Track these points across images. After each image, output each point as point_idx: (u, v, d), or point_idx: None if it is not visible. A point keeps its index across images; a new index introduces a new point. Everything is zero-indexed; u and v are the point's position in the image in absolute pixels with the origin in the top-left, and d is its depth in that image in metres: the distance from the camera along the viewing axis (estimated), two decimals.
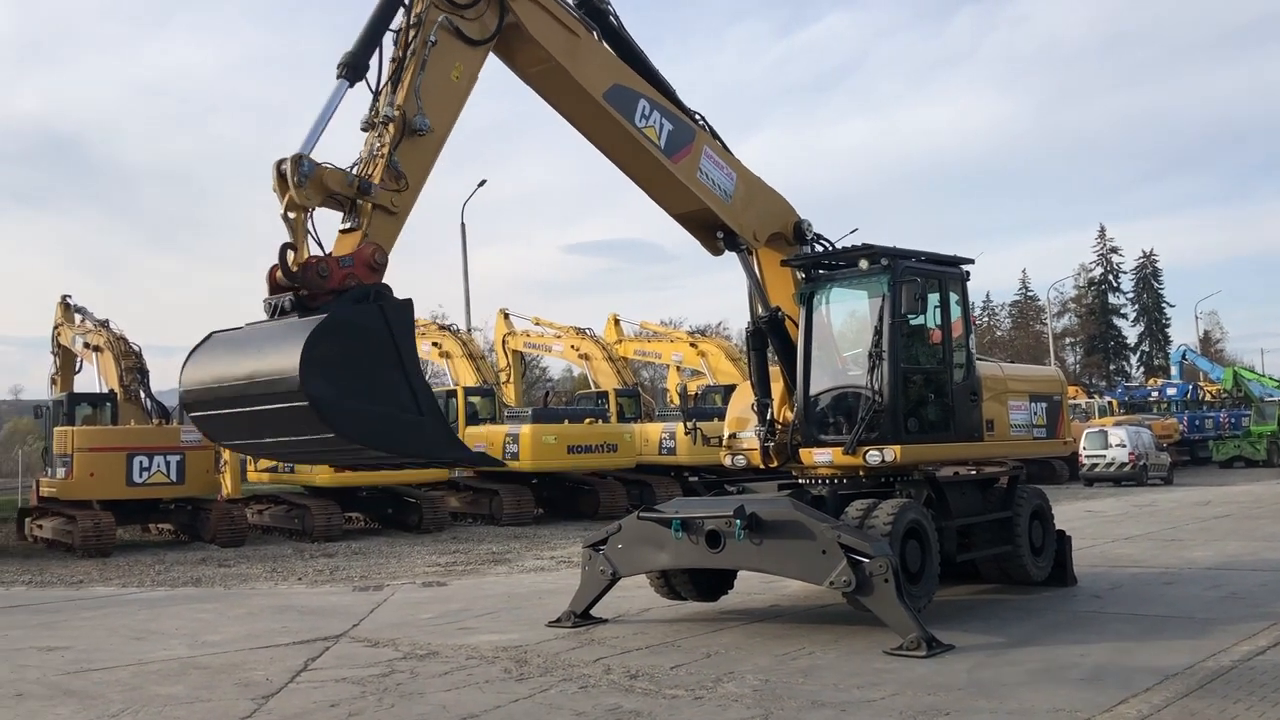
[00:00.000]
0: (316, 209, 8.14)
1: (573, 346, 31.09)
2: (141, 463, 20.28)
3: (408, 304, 8.18)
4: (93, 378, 23.73)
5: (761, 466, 11.43)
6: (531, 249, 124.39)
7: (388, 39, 8.91)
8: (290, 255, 7.87)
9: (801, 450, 11.08)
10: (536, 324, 32.50)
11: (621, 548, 10.63)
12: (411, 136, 8.71)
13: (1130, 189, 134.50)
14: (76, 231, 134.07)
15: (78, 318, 24.45)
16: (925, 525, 10.18)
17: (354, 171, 8.34)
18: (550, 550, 18.82)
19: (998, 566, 12.14)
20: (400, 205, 8.56)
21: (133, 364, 23.33)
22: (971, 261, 11.69)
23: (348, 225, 8.46)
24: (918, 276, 10.81)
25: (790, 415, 11.27)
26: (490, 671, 8.78)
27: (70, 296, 24.85)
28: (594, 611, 10.94)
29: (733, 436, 11.82)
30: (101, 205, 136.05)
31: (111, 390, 23.15)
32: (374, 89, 8.75)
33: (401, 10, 9.03)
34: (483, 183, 41.39)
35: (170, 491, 20.92)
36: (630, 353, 32.56)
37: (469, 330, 34.77)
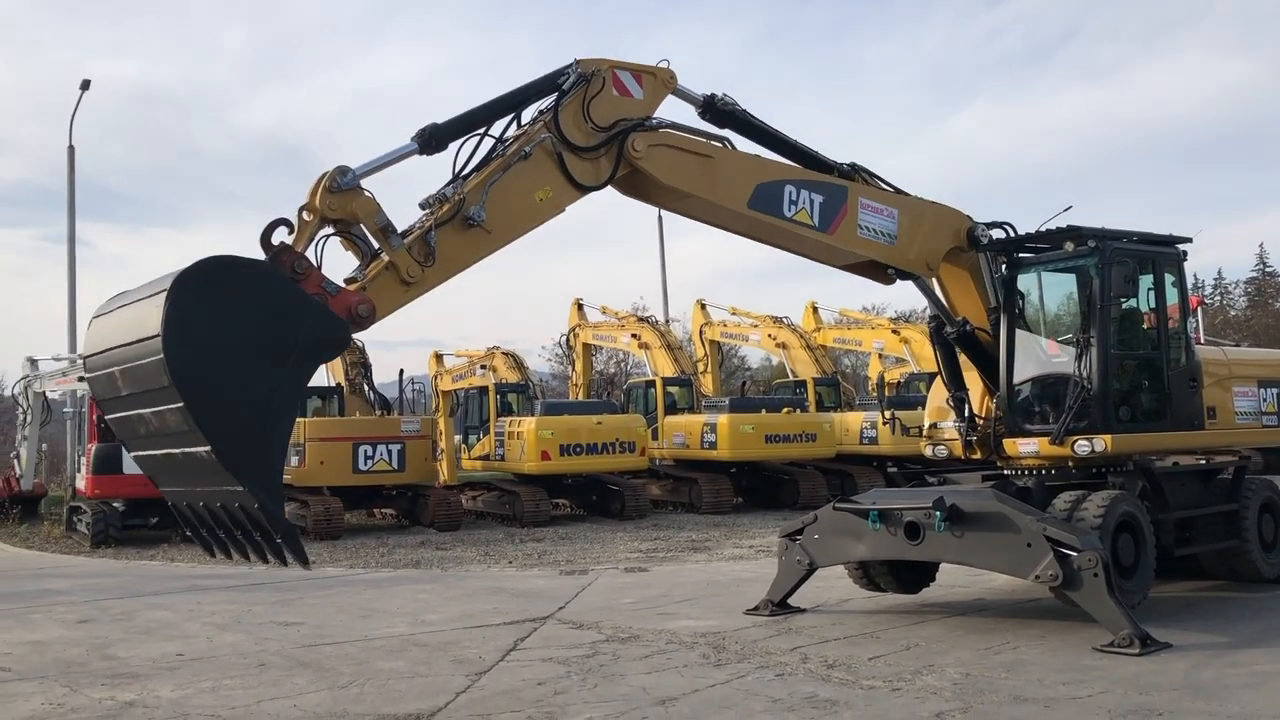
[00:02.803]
0: (331, 235, 7.65)
1: (770, 335, 31.00)
2: (366, 451, 21.66)
3: (342, 331, 7.28)
4: (321, 371, 25.48)
5: (963, 457, 11.18)
6: (731, 237, 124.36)
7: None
8: (278, 231, 7.23)
9: (1005, 440, 10.77)
10: (733, 314, 32.56)
11: (818, 538, 10.63)
12: (462, 224, 8.15)
13: None
14: None
15: None
16: (1139, 518, 9.73)
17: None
18: (749, 539, 18.94)
19: (1223, 562, 11.46)
20: (417, 279, 7.85)
21: (357, 359, 25.00)
22: (1188, 240, 11.05)
23: (354, 278, 7.82)
24: (1128, 258, 10.31)
25: (992, 407, 10.96)
26: (689, 656, 8.99)
27: None
28: (792, 601, 10.98)
29: (933, 426, 11.60)
30: None
31: (338, 384, 24.88)
32: (454, 172, 8.33)
33: (513, 120, 8.68)
34: None
35: (392, 478, 22.25)
36: (829, 340, 32.19)
37: (667, 321, 35.23)
